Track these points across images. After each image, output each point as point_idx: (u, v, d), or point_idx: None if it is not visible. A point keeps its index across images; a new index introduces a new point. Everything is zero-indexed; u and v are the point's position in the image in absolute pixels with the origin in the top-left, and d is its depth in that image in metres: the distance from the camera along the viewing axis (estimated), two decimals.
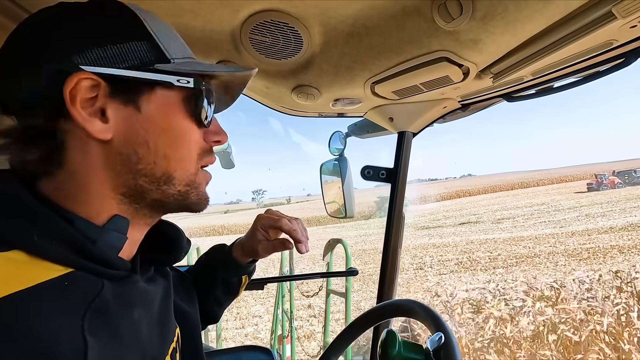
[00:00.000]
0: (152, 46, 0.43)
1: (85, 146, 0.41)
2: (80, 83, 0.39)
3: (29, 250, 0.35)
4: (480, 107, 1.20)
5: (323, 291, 3.43)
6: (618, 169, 43.37)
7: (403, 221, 1.24)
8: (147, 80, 0.42)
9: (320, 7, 0.66)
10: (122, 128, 0.42)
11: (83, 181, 0.41)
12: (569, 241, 11.69)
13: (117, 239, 0.43)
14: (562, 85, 0.97)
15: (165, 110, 0.44)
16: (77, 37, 0.40)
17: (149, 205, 0.46)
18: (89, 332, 0.35)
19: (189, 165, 0.47)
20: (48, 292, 0.34)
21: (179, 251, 0.57)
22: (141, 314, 0.46)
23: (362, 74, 0.88)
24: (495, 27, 0.66)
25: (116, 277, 0.43)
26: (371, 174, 1.20)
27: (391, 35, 0.73)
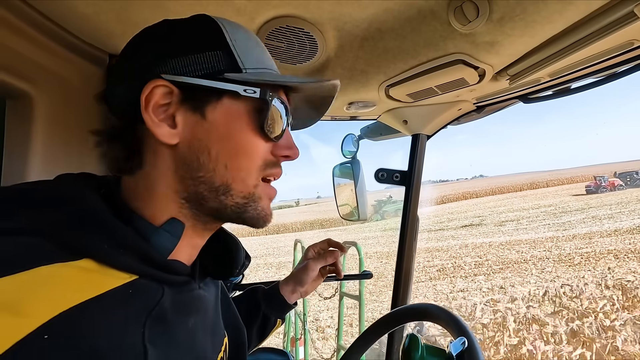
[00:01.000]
0: (227, 55, 0.44)
1: (157, 149, 0.44)
2: (155, 90, 0.42)
3: (99, 258, 0.36)
4: (496, 109, 1.19)
5: (338, 294, 3.41)
6: (628, 169, 41.81)
7: (418, 224, 1.24)
8: (214, 89, 0.43)
9: (335, 11, 0.66)
10: (187, 134, 0.43)
11: (153, 182, 0.44)
12: (567, 245, 11.40)
13: (169, 241, 0.43)
14: (581, 86, 0.96)
15: (230, 119, 0.44)
16: (162, 48, 0.44)
17: (208, 214, 0.46)
18: (149, 339, 0.36)
19: (248, 177, 0.46)
20: (114, 301, 0.34)
21: (236, 265, 0.58)
22: (197, 321, 0.47)
23: (376, 77, 0.88)
24: (513, 29, 0.66)
25: (176, 282, 0.44)
26: (385, 177, 1.20)
27: (406, 38, 0.73)
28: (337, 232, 25.15)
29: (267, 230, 33.32)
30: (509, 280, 8.16)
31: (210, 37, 0.45)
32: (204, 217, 0.47)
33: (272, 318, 0.81)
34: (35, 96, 0.69)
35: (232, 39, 0.45)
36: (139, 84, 0.42)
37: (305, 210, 61.15)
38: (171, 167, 0.44)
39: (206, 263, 0.55)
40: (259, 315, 0.80)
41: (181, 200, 0.45)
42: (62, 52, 0.71)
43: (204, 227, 0.48)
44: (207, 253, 0.54)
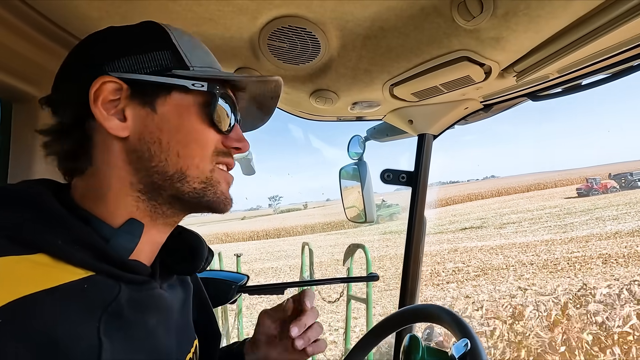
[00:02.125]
0: (174, 55, 0.48)
1: (107, 143, 0.45)
2: (103, 85, 0.44)
3: (53, 254, 0.37)
4: (504, 108, 1.17)
5: (345, 297, 3.39)
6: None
7: (425, 225, 1.22)
8: (163, 84, 0.46)
9: (337, 10, 0.66)
10: (137, 127, 0.46)
11: (105, 177, 0.45)
12: (560, 249, 11.14)
13: (129, 241, 0.44)
14: (591, 82, 0.93)
15: (180, 111, 0.47)
16: (109, 49, 0.47)
17: (167, 203, 0.48)
18: (104, 333, 0.36)
19: (201, 163, 0.48)
20: (67, 294, 0.35)
21: (200, 260, 0.58)
22: (159, 321, 0.47)
23: (380, 76, 0.88)
24: (517, 24, 0.64)
25: (135, 281, 0.44)
26: (391, 178, 1.19)
27: (409, 36, 0.72)
28: (337, 236, 25.03)
29: (267, 234, 33.44)
30: (479, 289, 8.03)
31: (157, 38, 0.48)
32: (162, 208, 0.48)
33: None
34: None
35: (178, 40, 0.49)
36: (87, 81, 0.44)
37: (311, 213, 60.97)
38: (124, 160, 0.45)
39: (168, 262, 0.56)
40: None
41: (137, 194, 0.46)
42: None
43: (164, 221, 0.50)
44: (169, 251, 0.54)
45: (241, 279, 1.13)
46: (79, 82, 0.45)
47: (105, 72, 0.44)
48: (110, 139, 0.45)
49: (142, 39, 0.48)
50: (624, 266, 8.24)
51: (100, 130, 0.45)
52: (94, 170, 0.45)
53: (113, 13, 0.65)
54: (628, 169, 39.95)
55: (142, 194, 0.46)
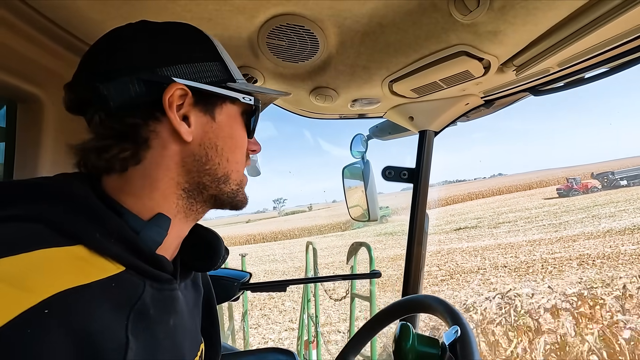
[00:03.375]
0: (223, 67, 0.52)
1: (166, 146, 0.47)
2: (175, 92, 0.46)
3: (91, 246, 0.38)
4: (506, 103, 1.16)
5: (349, 296, 3.39)
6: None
7: (427, 222, 1.22)
8: (221, 95, 0.50)
9: (334, 7, 0.66)
10: (199, 132, 0.49)
11: (155, 177, 0.47)
12: (543, 249, 10.87)
13: (158, 234, 0.46)
14: (594, 75, 0.92)
15: (231, 120, 0.53)
16: (168, 53, 0.48)
17: (204, 201, 0.52)
18: (132, 332, 0.37)
19: (241, 168, 0.55)
20: (100, 290, 0.36)
21: (217, 256, 0.60)
22: (176, 322, 0.48)
23: (379, 72, 0.88)
24: (515, 17, 0.64)
25: (159, 278, 0.45)
26: (392, 175, 1.19)
27: (407, 31, 0.72)
28: (333, 238, 24.83)
29: (254, 239, 33.28)
30: (437, 294, 7.82)
31: (207, 48, 0.52)
32: (198, 204, 0.51)
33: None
34: (45, 99, 0.72)
35: (221, 52, 0.53)
36: (154, 84, 0.45)
37: (313, 215, 60.63)
38: (178, 162, 0.48)
39: (186, 259, 0.57)
40: None
41: (180, 192, 0.49)
42: (71, 57, 0.74)
43: (194, 217, 0.53)
44: (187, 248, 0.56)
45: (244, 276, 1.13)
46: (142, 84, 0.45)
47: (169, 77, 0.46)
48: (171, 142, 0.47)
49: (195, 48, 0.50)
50: (599, 267, 8.03)
51: (161, 133, 0.46)
52: (140, 170, 0.46)
53: (114, 14, 0.67)
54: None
55: (185, 192, 0.49)
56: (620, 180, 29.53)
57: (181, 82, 0.46)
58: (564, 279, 7.43)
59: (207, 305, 0.69)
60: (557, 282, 7.28)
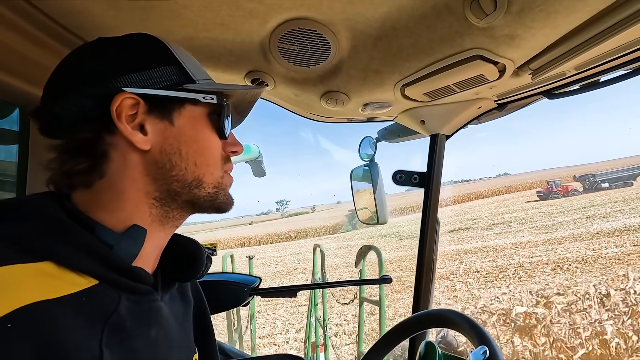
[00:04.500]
0: (180, 70, 0.51)
1: (126, 156, 0.46)
2: (123, 102, 0.45)
3: (59, 261, 0.38)
4: (518, 106, 1.14)
5: (357, 300, 3.37)
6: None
7: (438, 227, 1.20)
8: (178, 98, 0.49)
9: (347, 12, 0.66)
10: (158, 139, 0.48)
11: (121, 189, 0.46)
12: (524, 252, 10.75)
13: (133, 246, 0.45)
14: (610, 79, 0.90)
15: (194, 123, 0.51)
16: (117, 64, 0.47)
17: (180, 207, 0.51)
18: (106, 345, 0.37)
19: (215, 170, 0.53)
20: (70, 305, 0.36)
21: (199, 266, 0.58)
22: (159, 334, 0.47)
23: (391, 77, 0.87)
24: (533, 21, 0.63)
25: (137, 290, 0.45)
26: (403, 179, 1.17)
27: (421, 35, 0.71)
28: (326, 240, 24.65)
29: (260, 240, 33.17)
30: (396, 302, 7.76)
31: (161, 54, 0.51)
32: (174, 212, 0.51)
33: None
34: None
35: (179, 55, 0.52)
36: (104, 97, 0.45)
37: (314, 216, 60.18)
38: (142, 172, 0.47)
39: (167, 270, 0.56)
40: None
41: (151, 201, 0.48)
42: None
43: (172, 224, 0.52)
44: (168, 259, 0.55)
45: (254, 282, 1.13)
46: (92, 98, 0.45)
47: (119, 87, 0.45)
48: (130, 152, 0.46)
49: (148, 55, 0.50)
50: (571, 272, 7.92)
51: (118, 145, 0.46)
52: (106, 183, 0.46)
53: (128, 21, 0.66)
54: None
55: (157, 201, 0.48)
56: (601, 182, 29.04)
57: (130, 90, 0.45)
58: (527, 286, 7.32)
59: (198, 313, 0.68)
60: (521, 288, 7.19)
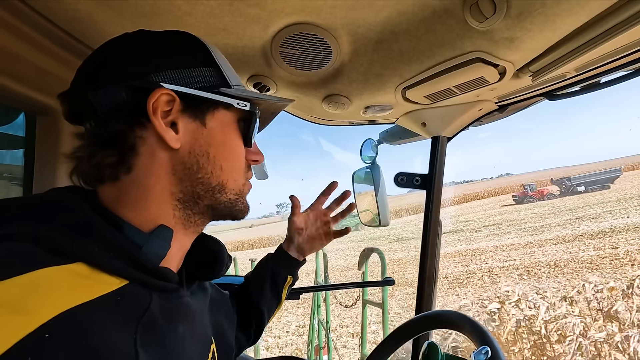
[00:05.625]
0: (217, 72, 0.50)
1: (154, 153, 0.45)
2: (161, 97, 0.44)
3: (90, 262, 0.37)
4: (519, 108, 1.15)
5: (361, 302, 3.36)
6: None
7: (440, 228, 1.20)
8: (213, 100, 0.48)
9: (348, 17, 0.66)
10: (188, 139, 0.47)
11: (146, 186, 0.45)
12: (500, 257, 10.70)
13: (161, 247, 0.45)
14: (611, 80, 0.91)
15: (224, 127, 0.51)
16: (158, 59, 0.47)
17: (201, 212, 0.50)
18: (140, 345, 0.37)
19: (238, 177, 0.52)
20: (103, 306, 0.35)
21: (221, 266, 0.59)
22: (185, 329, 0.47)
23: (392, 80, 0.87)
24: (532, 24, 0.63)
25: (165, 289, 0.45)
26: (405, 181, 1.18)
27: (421, 39, 0.72)
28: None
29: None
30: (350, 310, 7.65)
31: (202, 54, 0.50)
32: (195, 216, 0.50)
33: (281, 275, 0.85)
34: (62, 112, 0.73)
35: (217, 57, 0.51)
36: (141, 91, 0.44)
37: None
38: (169, 171, 0.46)
39: (190, 268, 0.56)
40: (267, 274, 0.84)
41: (175, 202, 0.47)
42: None
43: (194, 229, 0.51)
44: (191, 258, 0.55)
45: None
46: (129, 90, 0.44)
47: (157, 82, 0.45)
48: (158, 149, 0.45)
49: (188, 53, 0.49)
50: (537, 278, 7.85)
51: (148, 140, 0.45)
52: (132, 178, 0.45)
53: (131, 28, 0.67)
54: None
55: (180, 203, 0.48)
56: (577, 186, 28.72)
57: (168, 87, 0.45)
58: (486, 293, 7.27)
59: (215, 302, 0.68)
60: (479, 295, 7.14)
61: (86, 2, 0.61)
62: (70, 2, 0.61)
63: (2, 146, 0.75)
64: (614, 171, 29.29)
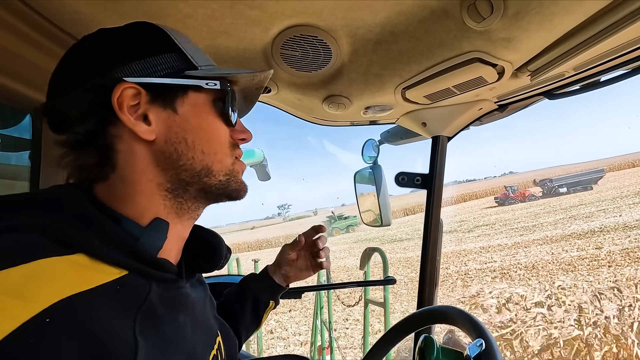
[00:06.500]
0: (181, 56, 0.49)
1: (133, 148, 0.46)
2: (124, 92, 0.44)
3: (91, 253, 0.38)
4: (519, 107, 1.15)
5: (363, 302, 3.37)
6: None
7: (441, 227, 1.21)
8: (180, 85, 0.48)
9: (347, 18, 0.67)
10: (162, 129, 0.47)
11: (132, 181, 0.46)
12: (482, 258, 10.51)
13: (157, 238, 0.46)
14: (610, 78, 0.91)
15: (198, 110, 0.49)
16: (117, 53, 0.46)
17: (193, 197, 0.50)
18: (140, 332, 0.38)
19: (224, 157, 0.52)
20: (104, 294, 0.37)
21: (219, 258, 0.60)
22: (186, 319, 0.48)
23: (392, 80, 0.88)
24: (529, 24, 0.64)
25: (164, 279, 0.46)
26: (406, 181, 1.18)
27: (420, 39, 0.73)
28: None
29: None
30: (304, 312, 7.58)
31: (161, 40, 0.49)
32: (188, 203, 0.50)
33: (263, 299, 0.84)
34: None
35: (179, 41, 0.50)
36: (104, 89, 0.44)
37: (317, 220, 59.75)
38: (151, 163, 0.47)
39: (189, 260, 0.57)
40: (249, 296, 0.83)
41: (164, 192, 0.48)
42: None
43: (189, 215, 0.52)
44: (189, 250, 0.56)
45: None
46: (93, 90, 0.44)
47: (119, 77, 0.44)
48: (136, 144, 0.46)
49: (147, 42, 0.48)
50: (509, 281, 7.72)
51: (123, 136, 0.45)
52: (119, 176, 0.46)
53: None
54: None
55: (169, 192, 0.48)
56: (559, 187, 28.37)
57: (131, 80, 0.44)
58: (452, 297, 7.14)
59: (211, 299, 0.69)
60: (445, 300, 7.02)
61: (89, 5, 0.62)
62: (74, 5, 0.62)
63: (9, 148, 0.77)
64: (597, 172, 28.82)
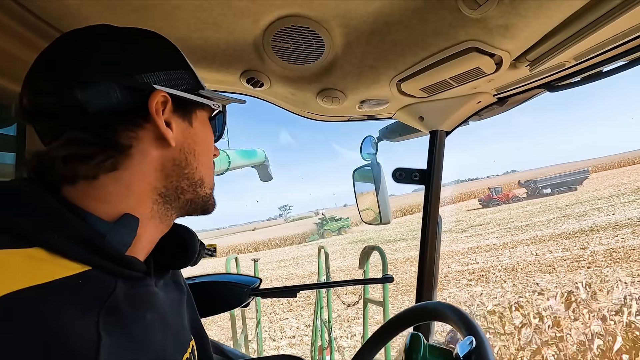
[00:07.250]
0: (192, 75, 0.53)
1: (147, 151, 0.47)
2: (158, 98, 0.47)
3: (49, 248, 0.37)
4: (520, 100, 1.13)
5: (362, 301, 3.35)
6: None
7: (440, 224, 1.18)
8: (196, 102, 0.52)
9: (339, 8, 0.66)
10: (180, 138, 0.50)
11: (128, 182, 0.45)
12: (467, 259, 10.49)
13: (127, 235, 0.44)
14: (613, 68, 0.88)
15: (204, 126, 0.55)
16: (143, 59, 0.47)
17: (179, 206, 0.52)
18: (103, 328, 0.36)
19: (211, 171, 0.57)
20: (61, 289, 0.35)
21: (192, 253, 0.59)
22: (154, 318, 0.47)
23: (386, 72, 0.86)
24: (527, 10, 0.62)
25: (131, 277, 0.44)
26: (403, 177, 1.16)
27: (414, 29, 0.71)
28: (310, 247, 24.23)
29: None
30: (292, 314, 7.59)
31: (178, 57, 0.53)
32: (172, 210, 0.51)
33: None
34: None
35: (188, 61, 0.54)
36: (134, 90, 0.45)
37: (317, 221, 59.66)
38: (157, 167, 0.48)
39: (159, 257, 0.56)
40: None
41: (156, 197, 0.49)
42: None
43: (168, 222, 0.52)
44: (161, 246, 0.55)
45: (254, 282, 1.12)
46: (121, 89, 0.43)
47: (149, 83, 0.46)
48: (152, 147, 0.47)
49: (169, 56, 0.51)
50: (485, 283, 7.79)
51: (144, 138, 0.46)
52: (114, 176, 0.44)
53: (121, 23, 0.66)
54: None
55: (161, 197, 0.49)
56: (543, 188, 28.14)
57: (160, 88, 0.47)
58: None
59: (190, 305, 0.68)
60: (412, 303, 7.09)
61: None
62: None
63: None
64: (582, 172, 28.45)
